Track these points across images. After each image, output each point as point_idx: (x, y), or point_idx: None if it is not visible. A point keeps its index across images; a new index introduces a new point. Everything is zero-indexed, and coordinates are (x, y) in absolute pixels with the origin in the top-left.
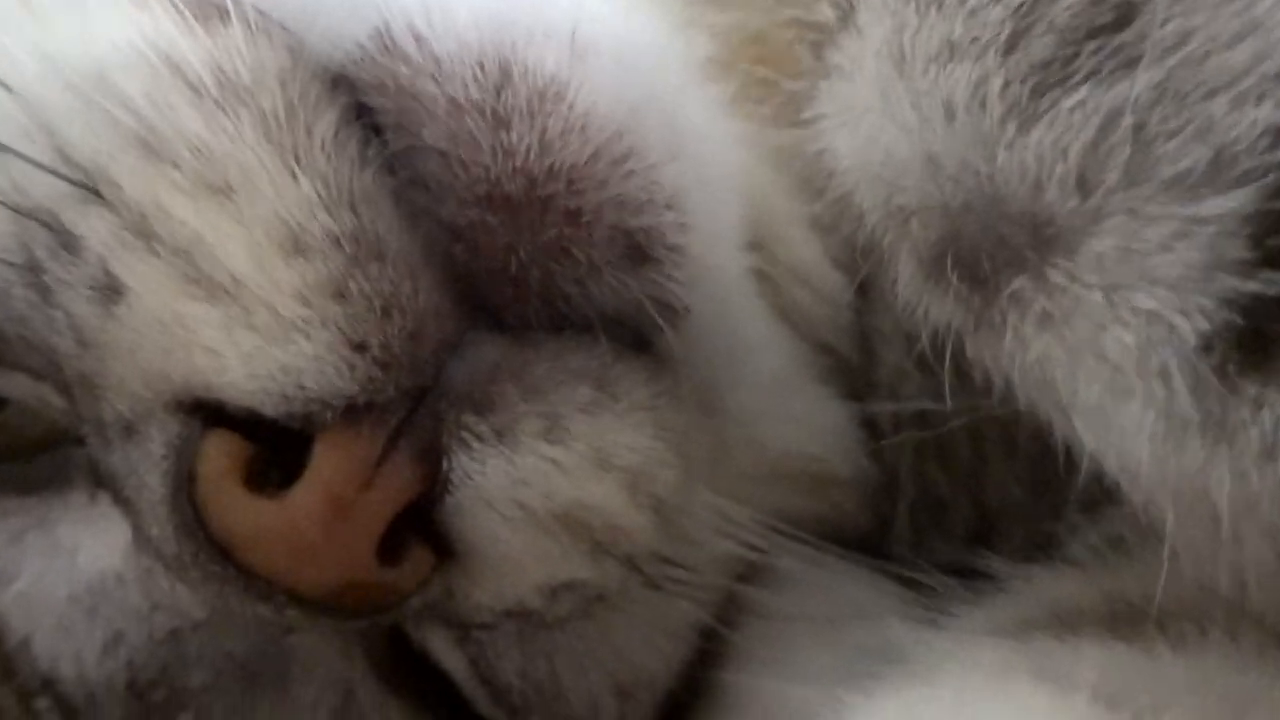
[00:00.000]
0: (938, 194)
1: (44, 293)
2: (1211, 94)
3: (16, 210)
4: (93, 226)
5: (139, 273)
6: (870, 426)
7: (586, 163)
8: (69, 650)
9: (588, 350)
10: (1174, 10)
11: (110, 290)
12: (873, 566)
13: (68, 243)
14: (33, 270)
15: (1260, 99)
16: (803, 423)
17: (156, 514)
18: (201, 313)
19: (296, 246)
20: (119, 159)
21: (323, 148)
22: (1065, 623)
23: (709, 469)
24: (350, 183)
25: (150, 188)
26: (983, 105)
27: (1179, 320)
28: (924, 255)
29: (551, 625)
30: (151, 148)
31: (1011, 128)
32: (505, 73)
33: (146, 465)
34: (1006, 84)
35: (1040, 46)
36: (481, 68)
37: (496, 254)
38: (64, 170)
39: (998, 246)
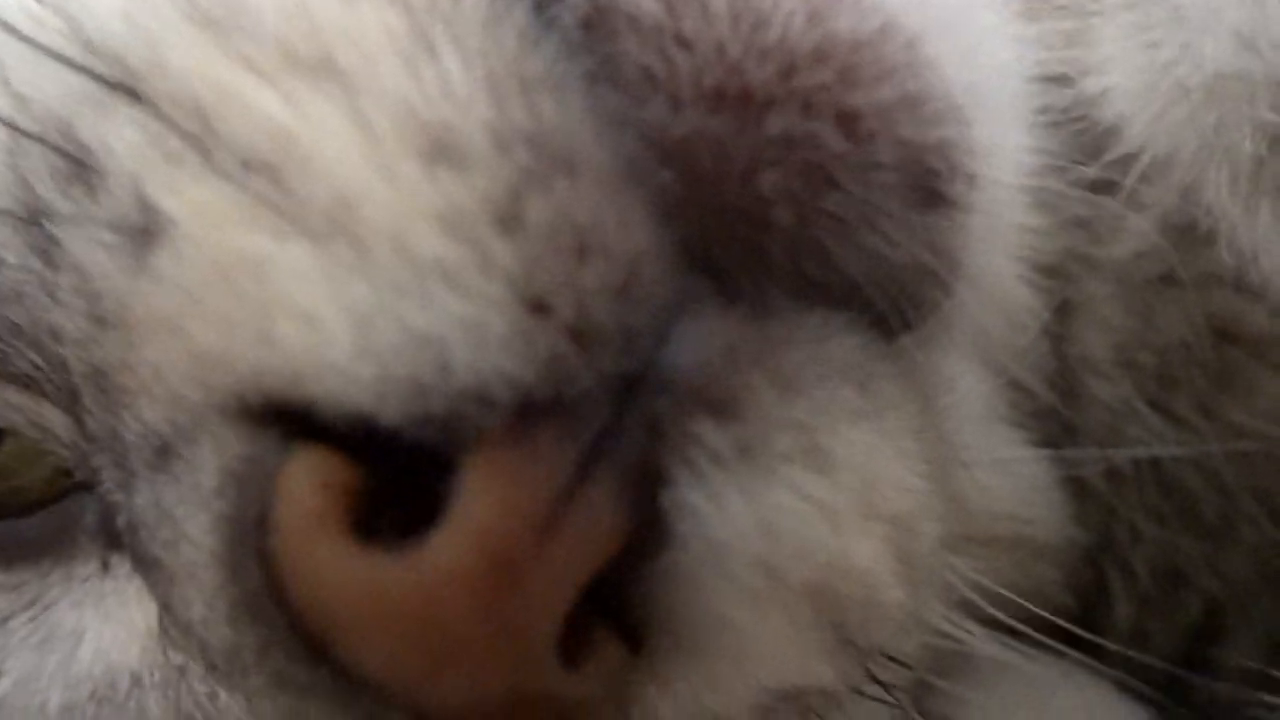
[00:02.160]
0: None
1: (46, 248)
2: None
3: (12, 127)
4: (123, 137)
5: (190, 200)
6: (1073, 481)
7: (867, 44)
8: None
9: (845, 335)
10: None
11: (145, 232)
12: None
13: (84, 167)
14: (32, 216)
15: None
16: (998, 472)
17: (201, 581)
18: (288, 259)
19: (441, 151)
20: (167, 34)
21: (476, 9)
22: None
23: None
24: (519, 62)
25: (212, 71)
26: None
27: None
28: None
29: None
30: (213, 16)
31: None
32: None
33: (189, 505)
34: None
35: None
36: None
37: (729, 181)
38: (85, 60)
39: None
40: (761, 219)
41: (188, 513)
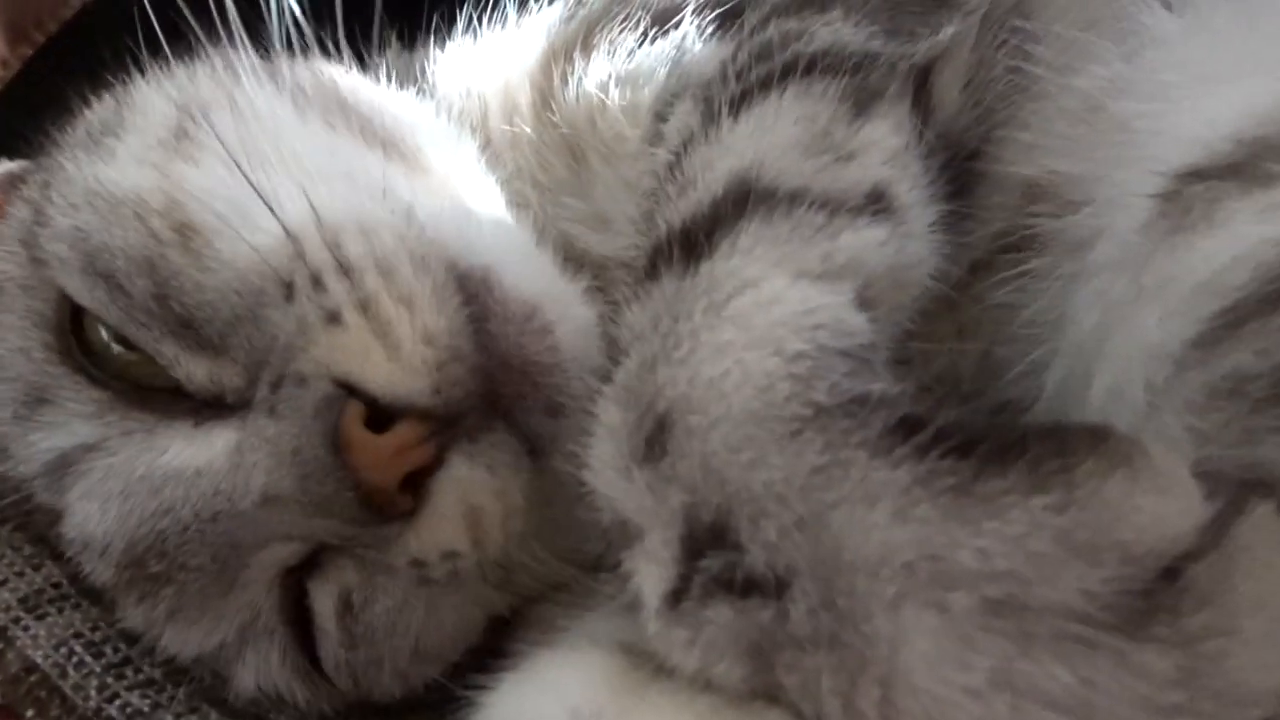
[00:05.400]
0: None
1: (288, 302)
2: None
3: (303, 261)
4: (333, 289)
5: (353, 319)
6: None
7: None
8: (117, 510)
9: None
10: None
11: (334, 318)
12: None
13: (319, 286)
14: (289, 289)
15: None
16: None
17: (305, 419)
18: (373, 349)
19: (428, 340)
20: (368, 273)
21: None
22: None
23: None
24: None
25: (376, 287)
26: None
27: None
28: None
29: (429, 582)
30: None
31: None
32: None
33: (310, 400)
34: None
35: None
36: None
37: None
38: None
39: None
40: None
41: (307, 401)
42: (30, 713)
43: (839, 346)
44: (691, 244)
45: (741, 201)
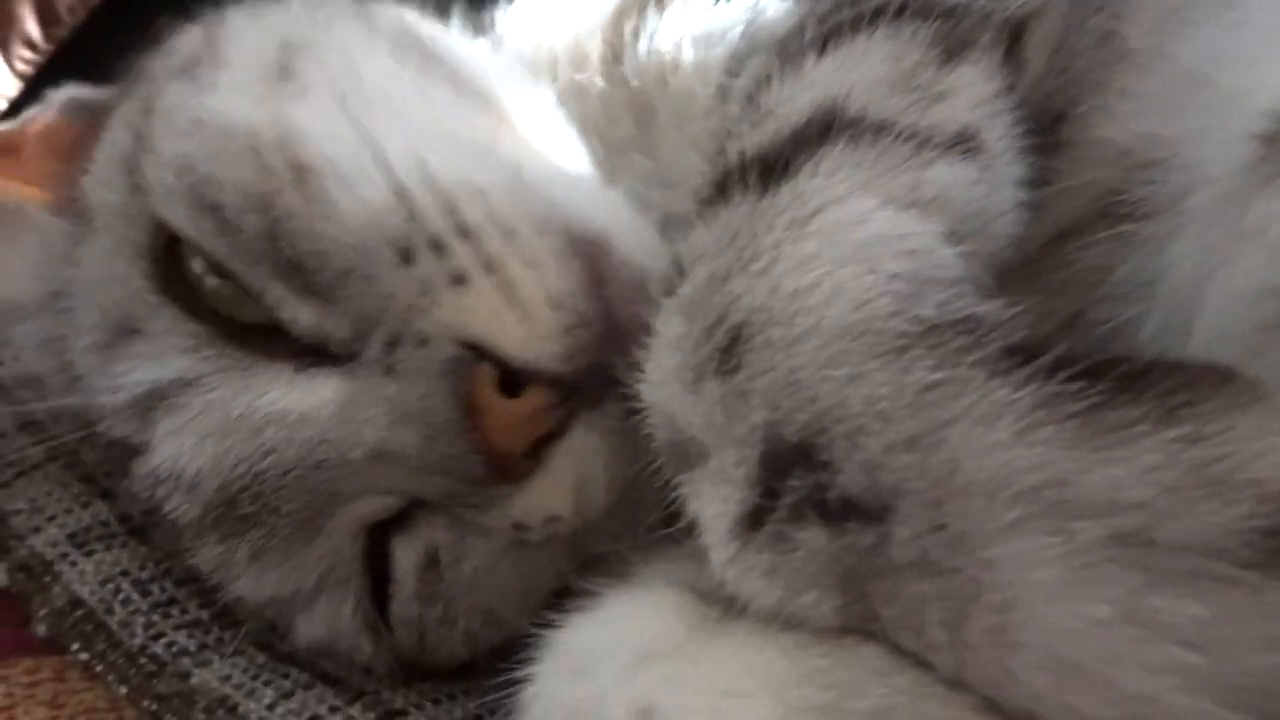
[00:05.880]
0: None
1: (405, 263)
2: None
3: (420, 222)
4: (457, 251)
5: (481, 281)
6: None
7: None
8: (214, 448)
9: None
10: None
11: (458, 280)
12: None
13: (439, 248)
14: (407, 251)
15: None
16: None
17: (431, 380)
18: (504, 311)
19: (555, 304)
20: (490, 235)
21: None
22: None
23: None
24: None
25: (501, 249)
26: None
27: None
28: None
29: (523, 545)
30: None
31: None
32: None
33: (435, 361)
34: None
35: None
36: None
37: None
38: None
39: None
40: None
41: (431, 362)
42: (75, 646)
43: (935, 276)
44: (770, 167)
45: (825, 128)
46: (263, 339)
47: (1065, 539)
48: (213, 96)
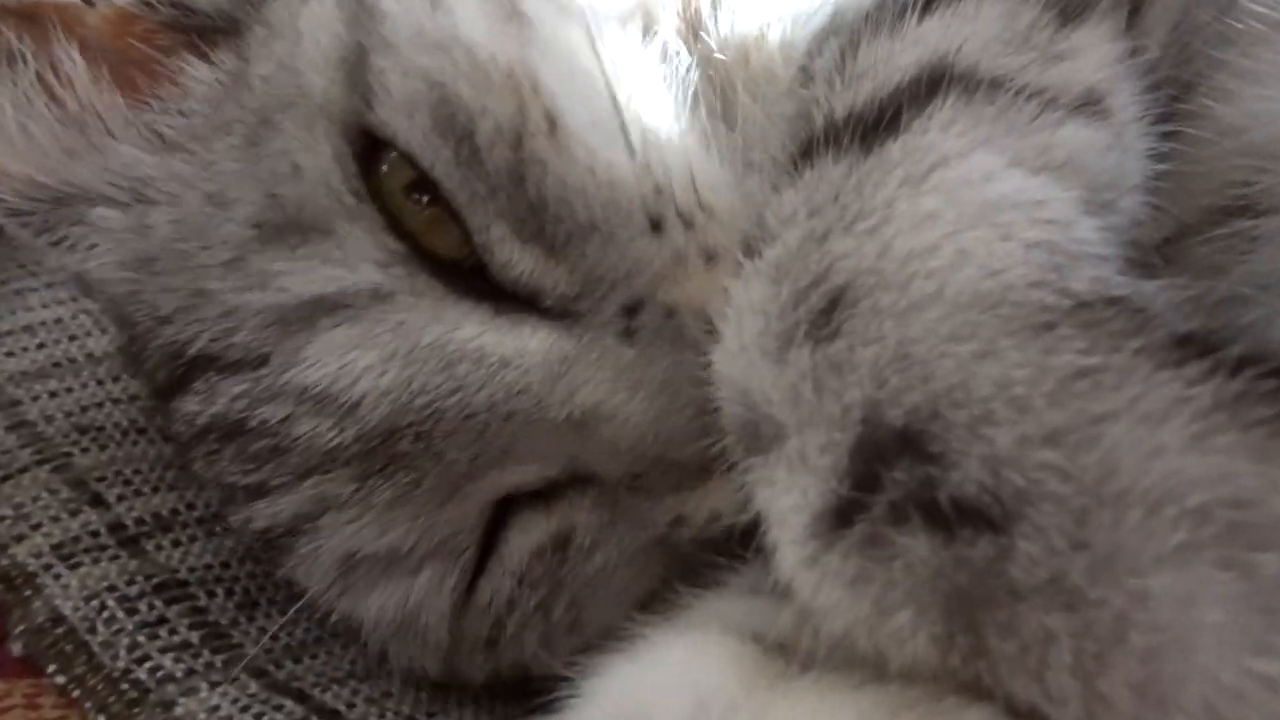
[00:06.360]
0: None
1: (655, 232)
2: None
3: (666, 196)
4: (707, 228)
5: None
6: None
7: None
8: (396, 373)
9: None
10: None
11: (710, 257)
12: None
13: (689, 224)
14: (658, 221)
15: None
16: None
17: (683, 353)
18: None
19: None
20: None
21: None
22: None
23: None
24: None
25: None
26: None
27: None
28: None
29: (663, 544)
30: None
31: None
32: None
33: (684, 334)
34: None
35: None
36: None
37: None
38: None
39: None
40: None
41: (660, 318)
42: (53, 668)
43: (1078, 251)
44: (874, 125)
45: (935, 84)
46: (453, 273)
47: (1243, 574)
48: (451, 19)
